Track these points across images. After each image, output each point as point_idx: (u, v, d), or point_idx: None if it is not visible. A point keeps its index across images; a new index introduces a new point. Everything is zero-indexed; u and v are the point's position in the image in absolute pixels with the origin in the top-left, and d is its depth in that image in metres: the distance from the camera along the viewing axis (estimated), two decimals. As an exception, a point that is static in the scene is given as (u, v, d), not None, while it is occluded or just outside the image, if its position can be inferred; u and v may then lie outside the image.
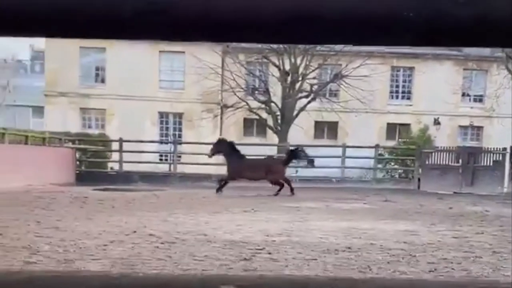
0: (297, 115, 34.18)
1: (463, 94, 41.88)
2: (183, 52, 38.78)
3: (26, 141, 23.93)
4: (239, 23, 1.08)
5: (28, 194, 17.02)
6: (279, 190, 19.98)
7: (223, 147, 20.41)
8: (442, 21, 1.07)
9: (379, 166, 31.88)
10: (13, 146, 22.03)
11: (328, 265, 7.30)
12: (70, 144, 28.20)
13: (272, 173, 20.08)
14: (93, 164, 29.25)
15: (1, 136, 22.06)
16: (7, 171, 19.64)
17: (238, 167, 19.72)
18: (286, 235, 10.07)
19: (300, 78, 34.10)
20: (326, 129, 42.71)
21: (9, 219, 11.12)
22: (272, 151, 32.66)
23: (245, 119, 39.99)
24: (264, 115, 35.45)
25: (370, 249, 8.63)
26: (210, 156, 20.46)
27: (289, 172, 30.25)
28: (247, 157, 21.11)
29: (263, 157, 22.35)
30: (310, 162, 31.15)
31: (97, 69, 41.66)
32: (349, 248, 8.68)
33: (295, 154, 21.27)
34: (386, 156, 33.25)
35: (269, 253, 8.11)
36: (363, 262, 7.54)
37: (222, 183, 20.07)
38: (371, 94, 35.39)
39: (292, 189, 20.09)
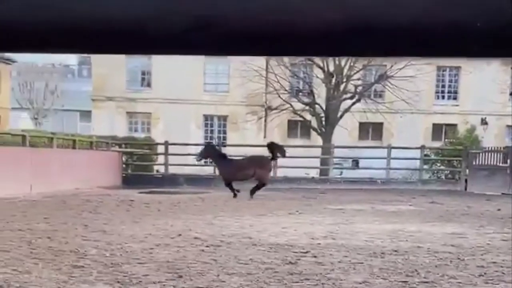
0: (341, 116, 33.96)
1: (511, 94, 40.96)
2: (228, 55, 38.96)
3: (74, 145, 24.34)
4: (285, 36, 1.05)
5: (75, 198, 17.31)
6: (258, 188, 19.65)
7: (211, 152, 20.63)
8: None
9: (425, 167, 31.39)
10: (61, 150, 22.45)
11: (374, 268, 7.21)
12: (116, 148, 28.58)
13: (261, 170, 19.88)
14: (139, 167, 29.59)
15: (50, 140, 22.50)
16: (56, 175, 20.01)
17: (230, 169, 19.65)
18: (331, 238, 10.00)
19: (344, 80, 33.87)
20: (371, 130, 42.32)
21: (57, 222, 11.31)
22: (317, 153, 32.55)
23: (289, 121, 39.92)
24: (308, 117, 35.30)
25: (417, 252, 8.49)
26: (198, 160, 20.62)
27: (334, 173, 30.12)
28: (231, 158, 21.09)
29: (244, 157, 21.63)
30: (355, 164, 30.95)
31: (143, 73, 42.18)
32: (395, 251, 8.56)
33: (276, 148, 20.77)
34: (432, 157, 32.73)
35: (315, 257, 8.06)
36: (410, 265, 7.42)
37: (230, 188, 19.58)
38: (417, 95, 34.88)
39: (259, 188, 19.72)
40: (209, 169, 30.99)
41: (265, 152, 26.98)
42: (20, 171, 17.96)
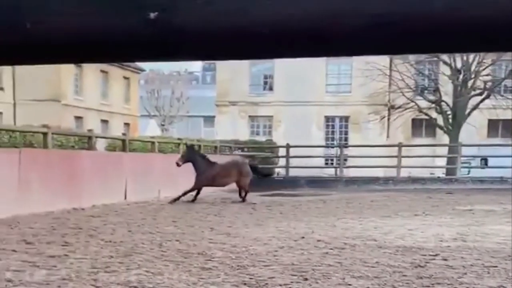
0: (469, 113, 32.66)
1: None
2: (351, 55, 38.72)
3: (199, 150, 24.97)
4: (467, 32, 1.03)
5: (201, 201, 17.74)
6: (246, 194, 18.17)
7: (192, 154, 18.20)
8: None
9: (562, 164, 29.48)
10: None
11: (510, 272, 6.82)
12: (239, 152, 29.08)
13: (243, 176, 18.33)
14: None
15: (177, 146, 23.24)
16: (182, 179, 20.61)
17: (209, 174, 17.81)
18: (462, 240, 9.60)
19: (472, 76, 32.55)
20: (501, 128, 40.42)
21: (185, 225, 11.63)
22: (443, 152, 31.50)
23: (413, 120, 38.93)
24: (434, 115, 34.25)
25: (556, 255, 7.96)
26: (179, 165, 17.59)
27: (461, 173, 28.96)
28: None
29: (229, 161, 20.06)
30: (484, 162, 29.61)
31: (265, 77, 42.79)
32: (532, 254, 8.07)
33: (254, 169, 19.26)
34: None
35: (445, 260, 7.76)
36: (549, 270, 6.96)
37: (183, 194, 17.46)
38: (551, 89, 32.92)
39: (245, 195, 18.21)
40: (330, 171, 30.85)
41: (388, 152, 26.46)
42: (150, 177, 18.66)
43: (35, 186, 13.39)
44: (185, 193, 17.20)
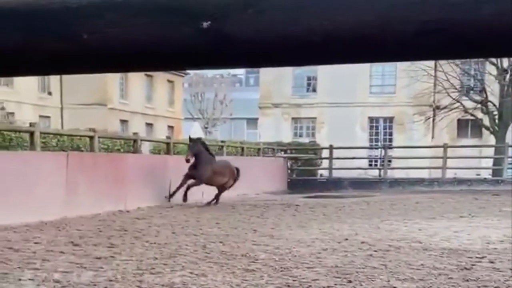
0: (516, 114, 32.01)
1: None
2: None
3: (242, 152, 25.14)
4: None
5: (244, 203, 17.83)
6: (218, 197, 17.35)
7: (198, 146, 16.83)
8: None
9: None
10: (230, 158, 23.18)
11: (559, 276, 6.69)
12: (282, 154, 29.10)
13: (233, 179, 17.56)
14: (304, 172, 29.85)
15: (220, 148, 23.40)
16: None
17: (212, 168, 16.81)
18: (509, 242, 9.43)
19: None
20: (550, 127, 39.48)
21: (228, 227, 11.71)
22: (489, 153, 30.96)
23: (459, 120, 38.32)
24: (480, 115, 33.67)
25: None
26: (188, 161, 16.37)
27: (508, 174, 28.36)
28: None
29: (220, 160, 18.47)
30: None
31: (308, 79, 42.73)
32: None
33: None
34: None
35: (491, 262, 7.65)
36: None
37: (187, 189, 16.43)
38: None
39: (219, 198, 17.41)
40: (374, 172, 30.62)
41: (433, 153, 26.17)
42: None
43: (82, 189, 13.66)
44: (189, 188, 16.33)
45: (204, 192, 18.99)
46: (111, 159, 15.39)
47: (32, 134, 13.40)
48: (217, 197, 17.25)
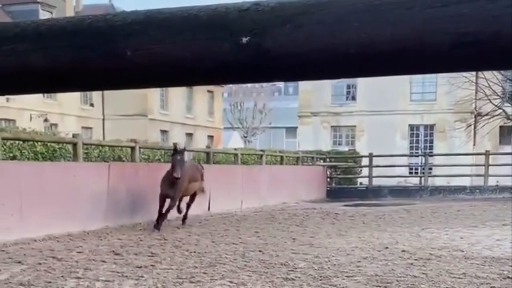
0: (559, 119, 31.40)
1: None
2: (437, 62, 37.96)
3: (281, 161, 25.17)
4: None
5: (283, 212, 17.83)
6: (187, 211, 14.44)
7: (184, 158, 13.84)
8: None
9: None
10: (269, 167, 23.28)
11: None
12: (321, 162, 29.03)
13: (202, 181, 15.02)
14: (343, 180, 29.73)
15: (259, 157, 23.47)
16: (264, 190, 20.80)
17: (186, 182, 13.82)
18: (554, 252, 9.24)
19: None
20: None
21: (267, 236, 11.74)
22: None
23: (501, 127, 37.68)
24: (522, 122, 33.11)
25: None
26: (178, 179, 12.95)
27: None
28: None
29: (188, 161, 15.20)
30: None
31: (348, 87, 42.61)
32: None
33: None
34: None
35: (535, 271, 7.50)
36: None
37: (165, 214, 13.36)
38: None
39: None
40: (414, 180, 30.29)
41: (475, 160, 25.58)
42: (233, 188, 18.92)
43: (123, 199, 13.86)
44: (168, 211, 13.30)
45: (242, 201, 19.06)
46: (152, 169, 15.56)
47: (75, 145, 13.66)
48: (187, 209, 14.34)
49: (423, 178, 28.34)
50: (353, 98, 42.43)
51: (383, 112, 39.99)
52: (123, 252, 9.53)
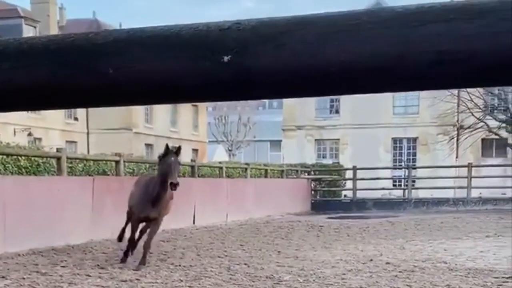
0: (541, 132, 31.76)
1: None
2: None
3: (266, 174, 25.21)
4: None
5: (268, 225, 17.83)
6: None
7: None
8: None
9: None
10: (254, 180, 23.30)
11: None
12: (306, 175, 29.10)
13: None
14: (328, 193, 29.85)
15: (244, 170, 23.49)
16: (249, 203, 20.81)
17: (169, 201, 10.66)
18: (536, 263, 9.33)
19: (544, 94, 31.72)
20: None
21: (253, 249, 11.74)
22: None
23: (483, 140, 38.06)
24: (504, 134, 33.43)
25: None
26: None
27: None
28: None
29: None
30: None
31: (331, 101, 42.86)
32: None
33: None
34: None
35: (518, 283, 7.58)
36: None
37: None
38: None
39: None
40: (398, 193, 30.45)
41: (458, 173, 25.52)
42: (218, 201, 18.91)
43: (107, 212, 13.80)
44: (149, 240, 9.86)
45: (228, 214, 19.03)
46: (135, 182, 15.50)
47: (59, 159, 13.60)
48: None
49: (406, 191, 28.52)
50: (337, 112, 42.70)
51: (367, 125, 40.27)
52: (108, 266, 9.49)
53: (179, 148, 10.12)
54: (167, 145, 10.08)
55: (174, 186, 9.46)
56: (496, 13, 1.03)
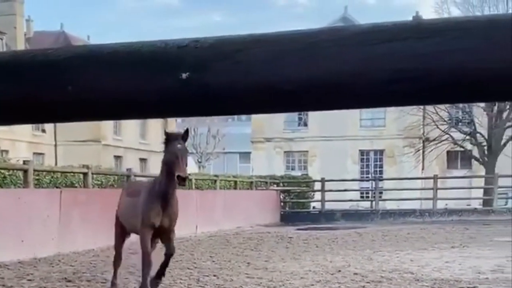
0: (505, 144, 32.33)
1: None
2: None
3: (235, 186, 25.22)
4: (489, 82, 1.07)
5: (238, 236, 17.84)
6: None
7: None
8: None
9: None
10: (223, 191, 23.31)
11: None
12: (275, 187, 29.19)
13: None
14: (297, 204, 29.98)
15: (213, 182, 23.48)
16: (219, 215, 20.81)
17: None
18: (500, 272, 9.52)
19: (507, 107, 32.30)
20: (539, 158, 39.74)
21: (222, 260, 11.75)
22: (479, 183, 31.19)
23: (448, 152, 38.65)
24: (469, 146, 34.01)
25: None
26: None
27: (498, 204, 28.45)
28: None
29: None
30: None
31: (300, 113, 43.04)
32: None
33: None
34: None
35: (482, 292, 7.73)
36: None
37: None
38: None
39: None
40: (365, 204, 30.71)
41: (424, 184, 25.80)
42: (188, 213, 18.84)
43: (75, 225, 13.68)
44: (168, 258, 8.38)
45: (197, 226, 19.00)
46: (105, 195, 15.43)
47: (25, 171, 13.45)
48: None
49: (374, 202, 28.79)
50: (305, 124, 42.95)
51: (334, 137, 40.56)
52: (75, 279, 9.42)
53: (186, 132, 7.95)
54: (165, 131, 8.22)
55: (183, 180, 7.71)
56: (448, 32, 1.06)
